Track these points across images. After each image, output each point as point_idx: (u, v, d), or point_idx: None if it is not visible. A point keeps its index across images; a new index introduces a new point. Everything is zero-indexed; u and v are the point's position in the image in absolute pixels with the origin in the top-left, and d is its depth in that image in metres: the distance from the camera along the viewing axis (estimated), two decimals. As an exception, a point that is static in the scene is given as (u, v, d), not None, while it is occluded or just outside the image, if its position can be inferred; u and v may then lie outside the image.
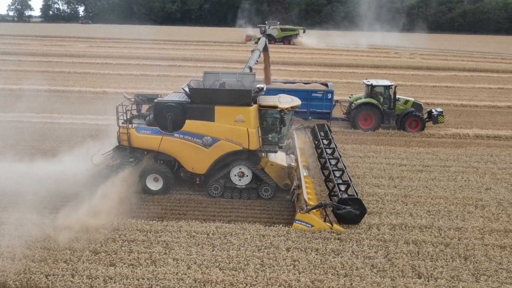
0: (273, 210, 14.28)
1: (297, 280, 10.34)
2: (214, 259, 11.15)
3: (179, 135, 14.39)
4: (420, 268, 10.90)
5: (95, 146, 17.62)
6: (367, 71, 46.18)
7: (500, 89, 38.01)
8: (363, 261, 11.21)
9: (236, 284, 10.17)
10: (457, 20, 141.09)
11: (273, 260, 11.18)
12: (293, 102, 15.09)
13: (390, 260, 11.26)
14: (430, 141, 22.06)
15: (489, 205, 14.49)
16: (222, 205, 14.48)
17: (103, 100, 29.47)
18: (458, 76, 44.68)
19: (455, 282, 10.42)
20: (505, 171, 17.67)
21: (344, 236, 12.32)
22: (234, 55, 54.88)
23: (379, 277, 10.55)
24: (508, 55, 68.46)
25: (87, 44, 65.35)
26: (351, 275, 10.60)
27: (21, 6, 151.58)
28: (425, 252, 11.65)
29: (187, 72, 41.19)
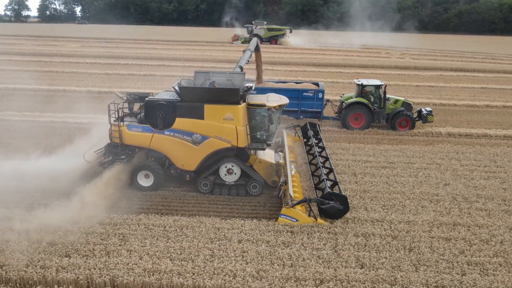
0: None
1: (243, 270, 10.76)
2: (166, 250, 11.59)
3: (169, 132, 14.77)
4: (364, 259, 11.33)
5: (72, 144, 18.16)
6: (354, 71, 46.59)
7: (482, 88, 38.43)
8: (310, 252, 11.64)
9: (183, 273, 10.60)
10: (453, 21, 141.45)
11: (223, 251, 11.61)
12: (281, 101, 15.52)
13: (336, 252, 11.69)
14: (402, 139, 22.48)
15: (444, 200, 14.93)
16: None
17: (86, 99, 29.83)
18: (443, 76, 45.09)
19: (395, 271, 10.85)
20: (467, 167, 18.11)
21: (296, 229, 12.75)
22: (224, 55, 55.31)
23: (322, 267, 10.97)
24: (499, 55, 68.84)
25: (79, 44, 65.76)
26: (296, 265, 11.03)
27: (18, 6, 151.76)
28: (372, 244, 12.08)
29: (174, 72, 41.49)
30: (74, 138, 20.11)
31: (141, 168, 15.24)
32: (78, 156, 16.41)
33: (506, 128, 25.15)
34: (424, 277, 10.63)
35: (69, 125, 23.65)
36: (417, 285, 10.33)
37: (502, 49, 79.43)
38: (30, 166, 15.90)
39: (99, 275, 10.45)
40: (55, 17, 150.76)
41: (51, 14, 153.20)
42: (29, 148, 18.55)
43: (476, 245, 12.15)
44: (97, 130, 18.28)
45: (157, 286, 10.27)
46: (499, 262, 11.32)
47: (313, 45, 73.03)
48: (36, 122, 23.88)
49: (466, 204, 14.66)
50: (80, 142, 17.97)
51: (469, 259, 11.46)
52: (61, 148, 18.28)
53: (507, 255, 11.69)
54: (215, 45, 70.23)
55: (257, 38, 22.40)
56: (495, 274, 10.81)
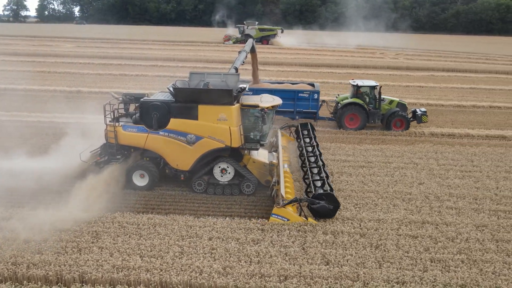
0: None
1: (210, 266, 11.02)
2: (137, 247, 11.85)
3: (164, 133, 15.00)
4: (330, 256, 11.57)
5: (56, 144, 18.40)
6: (346, 71, 46.88)
7: (471, 89, 38.69)
8: (278, 249, 11.89)
9: (151, 270, 10.86)
10: (450, 21, 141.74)
11: (193, 248, 11.88)
12: (274, 102, 15.80)
13: (304, 249, 11.95)
14: (385, 139, 22.73)
15: (416, 199, 15.18)
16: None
17: (76, 99, 30.22)
18: (434, 76, 45.35)
19: (359, 268, 11.10)
20: (443, 167, 18.37)
21: (267, 227, 13.01)
22: (218, 55, 55.58)
23: (288, 264, 11.24)
24: (493, 55, 69.08)
25: (74, 44, 66.04)
26: (262, 262, 11.29)
27: (16, 7, 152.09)
28: (340, 242, 12.33)
29: (166, 72, 41.90)
30: (59, 138, 20.42)
31: (136, 168, 15.51)
32: (61, 156, 16.79)
33: (489, 128, 25.42)
34: (386, 273, 10.88)
35: (56, 125, 23.89)
36: (378, 281, 10.58)
37: (497, 49, 79.66)
38: (12, 165, 16.17)
39: (68, 271, 10.71)
40: (54, 17, 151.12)
41: (49, 14, 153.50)
42: (13, 147, 18.79)
43: (441, 242, 12.40)
44: (82, 129, 18.62)
45: (125, 282, 10.52)
46: (462, 259, 11.56)
47: (307, 45, 73.44)
48: (24, 122, 24.17)
49: (437, 203, 14.92)
50: (65, 142, 18.21)
51: (433, 256, 11.71)
52: (45, 148, 18.56)
53: (470, 252, 11.93)
54: (210, 45, 70.55)
55: (253, 39, 22.57)
56: (456, 271, 11.06)
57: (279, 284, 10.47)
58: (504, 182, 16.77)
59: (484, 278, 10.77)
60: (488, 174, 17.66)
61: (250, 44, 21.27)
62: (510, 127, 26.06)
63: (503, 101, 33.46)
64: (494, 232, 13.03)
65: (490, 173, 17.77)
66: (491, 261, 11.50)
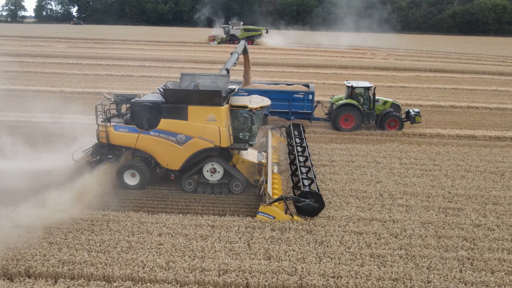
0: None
1: (154, 261, 11.38)
2: (87, 242, 12.20)
3: (154, 133, 15.30)
4: (272, 252, 11.91)
5: (29, 144, 18.76)
6: (331, 72, 47.22)
7: (454, 89, 38.97)
8: (224, 245, 12.23)
9: (95, 264, 11.21)
10: (447, 21, 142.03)
11: (141, 244, 12.22)
12: (262, 102, 16.11)
13: (249, 245, 12.28)
14: (355, 138, 23.10)
15: (370, 197, 15.51)
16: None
17: (58, 99, 30.49)
18: (419, 77, 45.65)
19: (298, 263, 11.44)
20: (405, 166, 18.69)
21: (218, 223, 13.36)
22: (208, 55, 55.93)
23: (230, 259, 11.57)
24: (485, 56, 69.33)
25: (66, 45, 66.47)
26: (205, 257, 11.63)
27: (14, 7, 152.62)
28: (285, 238, 12.66)
29: (152, 73, 42.35)
30: (33, 138, 20.88)
31: (128, 167, 15.86)
32: (32, 156, 17.14)
33: (462, 128, 25.74)
34: (323, 268, 11.21)
35: (32, 124, 24.29)
36: (314, 276, 10.90)
37: (491, 50, 79.92)
38: None
39: (15, 265, 11.06)
40: (51, 18, 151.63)
41: (47, 15, 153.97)
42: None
43: (384, 238, 12.73)
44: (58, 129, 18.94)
45: (68, 276, 10.88)
46: (400, 255, 11.89)
47: (296, 46, 73.63)
48: (1, 122, 24.51)
49: (390, 201, 15.24)
50: (38, 142, 18.57)
51: (373, 251, 12.04)
52: (16, 148, 18.87)
53: (410, 248, 12.26)
54: (202, 46, 70.85)
55: (245, 41, 22.78)
56: (392, 265, 11.39)
57: (217, 278, 10.81)
58: (460, 181, 17.08)
59: (418, 272, 11.09)
60: (446, 172, 17.98)
61: (242, 45, 21.56)
62: (483, 127, 26.38)
63: (482, 101, 33.75)
64: (438, 228, 13.35)
65: (449, 172, 18.08)
66: (428, 257, 11.83)
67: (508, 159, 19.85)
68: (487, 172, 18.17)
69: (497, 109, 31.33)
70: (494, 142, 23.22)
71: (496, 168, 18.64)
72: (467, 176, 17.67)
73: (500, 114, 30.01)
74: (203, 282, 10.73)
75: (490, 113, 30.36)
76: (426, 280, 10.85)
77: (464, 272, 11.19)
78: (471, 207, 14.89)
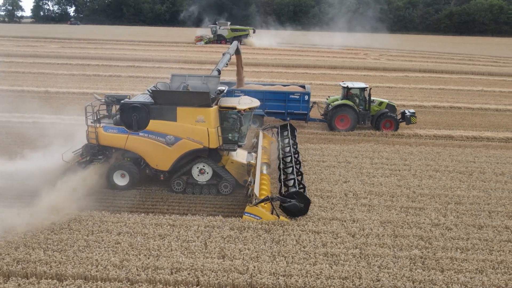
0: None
1: (108, 260, 11.49)
2: (44, 242, 12.31)
3: (143, 134, 15.38)
4: (227, 250, 12.02)
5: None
6: (320, 72, 47.34)
7: (440, 89, 39.06)
8: (180, 244, 12.34)
9: (50, 263, 11.32)
10: (444, 22, 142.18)
11: (99, 242, 12.34)
12: (251, 104, 16.17)
13: (205, 244, 12.40)
14: (332, 138, 23.22)
15: (334, 196, 15.61)
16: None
17: (41, 99, 30.67)
18: (408, 77, 45.78)
19: (251, 262, 11.53)
20: (375, 166, 18.80)
21: (179, 222, 13.48)
22: (198, 55, 56.03)
23: (184, 257, 11.68)
24: (478, 56, 69.48)
25: (59, 45, 66.60)
26: (160, 256, 11.75)
27: (12, 7, 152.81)
28: (243, 237, 12.77)
29: (140, 73, 42.47)
30: (11, 137, 21.02)
31: (117, 167, 15.95)
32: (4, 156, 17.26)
33: (440, 128, 25.86)
34: (275, 266, 11.31)
35: (13, 124, 24.40)
36: (265, 274, 11.01)
37: (485, 50, 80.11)
38: None
39: (-29, 262, 11.19)
40: (49, 18, 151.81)
41: (44, 15, 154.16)
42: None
43: (341, 238, 12.83)
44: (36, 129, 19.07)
45: (21, 274, 11.00)
46: (354, 254, 12.00)
47: (288, 46, 73.70)
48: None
49: (354, 200, 15.35)
50: (12, 142, 18.67)
51: (328, 250, 12.14)
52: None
53: (365, 247, 12.37)
54: (195, 46, 70.97)
55: (237, 42, 22.85)
56: (344, 264, 11.51)
57: (168, 276, 10.93)
58: (427, 181, 17.20)
59: (368, 271, 11.20)
60: (415, 172, 18.09)
61: (235, 46, 21.61)
62: (462, 127, 26.50)
63: (466, 102, 33.87)
64: (396, 228, 13.46)
65: (417, 171, 18.19)
66: (381, 256, 11.94)
67: (479, 159, 19.97)
68: (455, 172, 18.28)
69: (479, 109, 31.45)
70: (470, 142, 23.35)
71: (465, 168, 18.75)
72: (435, 176, 17.79)
73: (482, 114, 30.15)
74: (154, 281, 10.85)
75: (472, 113, 30.48)
76: (375, 278, 10.96)
77: (414, 270, 11.30)
78: (433, 206, 15.01)
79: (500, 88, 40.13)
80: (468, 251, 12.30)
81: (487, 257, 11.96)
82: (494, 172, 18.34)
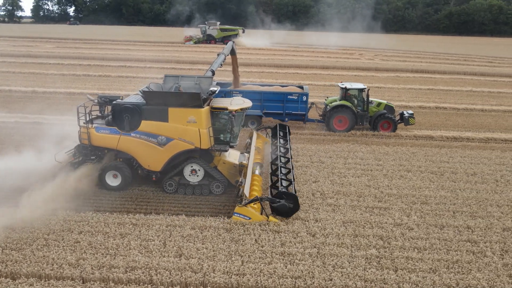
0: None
1: (64, 258, 11.56)
2: (4, 240, 12.37)
3: (135, 134, 15.39)
4: (185, 249, 12.08)
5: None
6: (312, 72, 47.37)
7: (429, 89, 39.05)
8: (140, 243, 12.40)
9: (5, 261, 11.36)
10: (443, 22, 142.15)
11: (58, 241, 12.41)
12: (243, 104, 16.21)
13: (164, 243, 12.46)
14: (311, 139, 23.26)
15: (301, 196, 15.52)
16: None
17: (27, 99, 30.83)
18: (399, 77, 45.81)
19: (205, 261, 11.58)
20: (347, 166, 18.81)
21: (141, 221, 13.55)
22: (191, 56, 56.15)
23: (141, 256, 11.75)
24: (474, 56, 69.47)
25: (54, 45, 66.83)
26: (117, 254, 11.81)
27: (11, 7, 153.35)
28: (202, 236, 12.83)
29: (130, 73, 42.58)
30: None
31: (109, 168, 16.00)
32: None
33: (421, 129, 25.84)
34: (230, 265, 11.36)
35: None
36: (218, 273, 11.07)
37: (482, 50, 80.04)
38: None
39: None
40: (49, 18, 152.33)
41: (44, 15, 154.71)
42: None
43: (300, 237, 12.87)
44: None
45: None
46: (311, 253, 12.03)
47: (283, 46, 73.73)
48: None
49: (320, 200, 15.37)
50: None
51: (285, 250, 12.18)
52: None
53: (323, 246, 12.40)
54: (190, 46, 71.11)
55: (232, 42, 22.85)
56: (298, 264, 11.55)
57: (122, 274, 10.99)
58: (397, 181, 17.21)
59: (322, 270, 11.24)
60: (387, 172, 18.10)
61: (230, 47, 21.58)
62: (444, 127, 26.49)
63: (454, 102, 33.89)
64: (358, 227, 13.49)
65: (390, 171, 18.20)
66: (338, 255, 11.96)
67: (454, 159, 19.97)
68: (427, 172, 18.29)
69: (464, 109, 31.44)
70: (449, 143, 23.35)
71: (438, 168, 18.75)
72: (406, 176, 17.80)
73: (466, 115, 30.14)
74: (108, 279, 10.91)
75: (456, 113, 30.47)
76: (328, 278, 10.99)
77: (367, 270, 11.32)
78: (399, 206, 15.03)
79: (490, 89, 40.08)
80: (425, 250, 12.32)
81: (443, 257, 11.98)
82: (466, 172, 18.33)
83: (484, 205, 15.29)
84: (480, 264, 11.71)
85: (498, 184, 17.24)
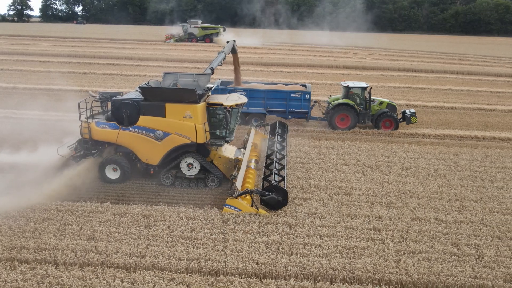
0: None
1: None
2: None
3: (134, 129, 16.12)
4: (98, 234, 12.71)
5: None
6: (295, 70, 47.75)
7: (407, 88, 39.24)
8: (57, 227, 13.07)
9: None
10: (449, 21, 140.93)
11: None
12: (239, 100, 16.75)
13: (81, 228, 13.11)
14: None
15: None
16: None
17: (6, 95, 31.83)
18: (384, 76, 45.92)
19: (113, 243, 12.20)
20: (289, 159, 19.26)
21: (66, 208, 14.24)
22: (191, 55, 56.89)
23: (54, 238, 12.42)
24: (473, 55, 69.04)
25: (51, 43, 68.18)
26: (31, 238, 12.49)
27: (21, 6, 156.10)
28: (120, 221, 13.45)
29: (115, 71, 43.50)
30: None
31: (109, 162, 16.72)
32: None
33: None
34: (134, 249, 11.93)
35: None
36: (119, 255, 11.67)
37: (481, 50, 79.41)
38: None
39: None
40: (57, 17, 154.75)
41: (52, 14, 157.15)
42: None
43: (212, 223, 13.38)
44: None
45: None
46: (215, 238, 12.54)
47: (277, 45, 74.05)
48: None
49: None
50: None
51: (193, 235, 12.68)
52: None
53: (232, 232, 12.80)
54: (187, 45, 71.94)
55: (233, 41, 23.15)
56: (199, 247, 12.08)
57: (30, 255, 11.64)
58: (329, 173, 17.52)
59: (219, 254, 11.77)
60: (324, 166, 18.48)
61: (231, 45, 22.09)
62: (417, 126, 26.52)
63: (427, 100, 34.05)
64: (271, 216, 13.95)
65: (326, 165, 18.57)
66: (241, 240, 12.32)
67: (396, 154, 20.33)
68: (364, 165, 18.68)
69: (434, 107, 31.67)
70: (404, 139, 23.56)
71: (375, 162, 19.12)
72: (341, 169, 18.19)
73: (434, 113, 30.37)
74: (14, 259, 11.56)
75: (425, 111, 30.60)
76: (222, 260, 11.50)
77: (263, 254, 11.79)
78: (320, 197, 15.39)
79: (468, 87, 40.07)
80: (327, 237, 12.74)
81: (341, 243, 12.37)
82: (402, 166, 18.68)
83: (404, 196, 15.67)
84: (374, 250, 12.12)
85: (428, 177, 17.57)
